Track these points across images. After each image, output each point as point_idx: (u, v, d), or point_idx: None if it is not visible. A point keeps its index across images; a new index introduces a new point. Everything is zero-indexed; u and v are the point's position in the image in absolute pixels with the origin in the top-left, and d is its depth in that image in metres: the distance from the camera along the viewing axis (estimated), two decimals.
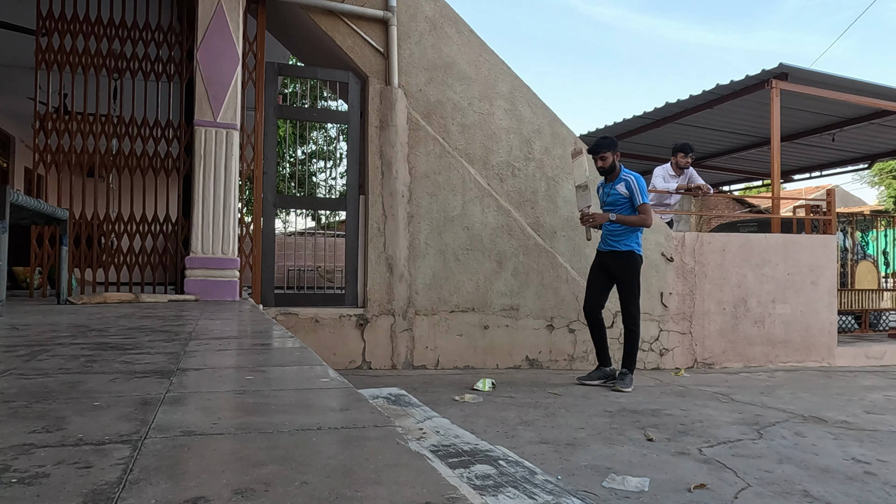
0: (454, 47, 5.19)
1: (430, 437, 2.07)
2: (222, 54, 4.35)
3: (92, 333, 2.20)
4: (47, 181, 4.90)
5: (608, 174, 4.36)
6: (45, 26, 4.41)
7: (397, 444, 0.87)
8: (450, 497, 0.67)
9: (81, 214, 4.49)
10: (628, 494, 2.09)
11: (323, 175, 13.88)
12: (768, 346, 5.57)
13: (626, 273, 4.22)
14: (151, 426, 0.94)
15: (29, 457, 0.78)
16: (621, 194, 4.26)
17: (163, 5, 4.79)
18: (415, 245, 4.96)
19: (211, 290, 4.27)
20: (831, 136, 8.33)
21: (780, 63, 5.95)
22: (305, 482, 0.70)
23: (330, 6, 4.80)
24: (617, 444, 2.70)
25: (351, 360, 4.76)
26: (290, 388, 1.26)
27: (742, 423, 3.20)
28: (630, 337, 4.25)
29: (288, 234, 7.41)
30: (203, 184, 4.32)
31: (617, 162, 4.36)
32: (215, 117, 4.33)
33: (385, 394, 3.10)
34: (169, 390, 1.21)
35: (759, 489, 2.18)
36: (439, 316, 4.97)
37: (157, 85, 4.72)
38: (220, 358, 1.69)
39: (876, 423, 3.27)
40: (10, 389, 1.20)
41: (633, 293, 4.23)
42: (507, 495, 1.43)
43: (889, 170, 22.82)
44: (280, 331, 2.46)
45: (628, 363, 4.24)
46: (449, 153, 5.08)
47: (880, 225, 7.33)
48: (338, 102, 6.91)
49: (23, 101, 6.97)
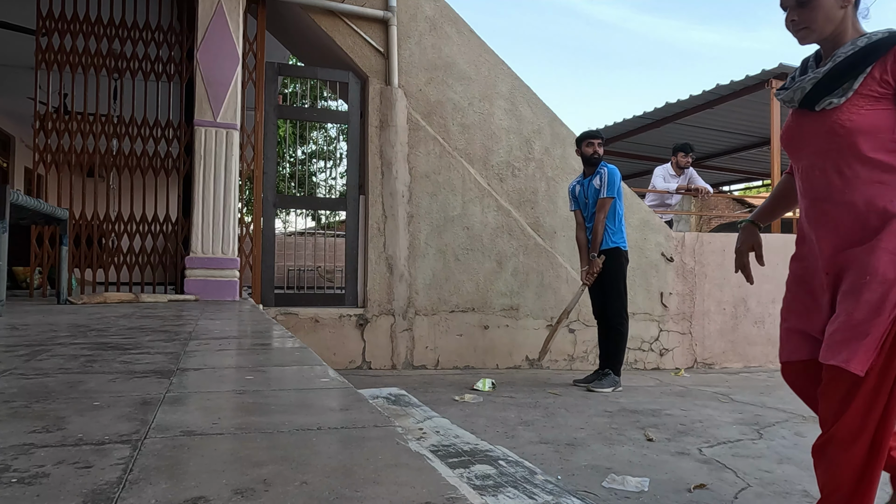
0: (454, 47, 5.19)
1: (430, 437, 2.07)
2: (222, 54, 4.35)
3: (92, 333, 2.20)
4: (47, 181, 4.90)
5: (591, 166, 4.29)
6: (45, 26, 4.41)
7: (397, 444, 0.87)
8: (450, 497, 0.67)
9: (81, 214, 4.49)
10: (628, 494, 2.09)
11: (323, 175, 13.89)
12: (768, 346, 5.57)
13: (609, 269, 4.13)
14: (151, 426, 0.94)
15: (29, 457, 0.78)
16: (596, 187, 4.19)
17: (163, 5, 4.79)
18: (415, 245, 4.96)
19: (211, 290, 4.27)
20: None
21: (779, 63, 5.95)
22: (305, 482, 0.70)
23: (330, 6, 4.80)
24: (617, 444, 2.70)
25: (351, 360, 4.76)
26: (290, 388, 1.26)
27: (742, 423, 3.20)
28: (613, 336, 4.14)
29: (288, 234, 7.41)
30: (203, 184, 4.32)
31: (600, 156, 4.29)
32: (215, 117, 4.33)
33: (385, 394, 3.11)
34: (169, 390, 1.21)
35: (759, 489, 2.18)
36: (439, 316, 4.97)
37: (157, 85, 4.72)
38: (220, 358, 1.69)
39: None
40: (10, 389, 1.20)
41: (617, 289, 4.14)
42: (507, 495, 1.43)
43: None
44: (280, 331, 2.46)
45: (611, 363, 4.12)
46: (449, 153, 5.08)
47: None
48: (338, 102, 6.91)
49: (23, 101, 6.97)
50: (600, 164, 4.25)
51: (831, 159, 1.55)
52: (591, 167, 4.29)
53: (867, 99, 1.50)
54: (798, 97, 1.61)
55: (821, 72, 1.56)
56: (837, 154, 1.54)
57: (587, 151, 4.27)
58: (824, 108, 1.54)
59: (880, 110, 1.50)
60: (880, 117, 1.50)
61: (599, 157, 4.26)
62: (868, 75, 1.50)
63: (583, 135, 4.34)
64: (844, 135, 1.52)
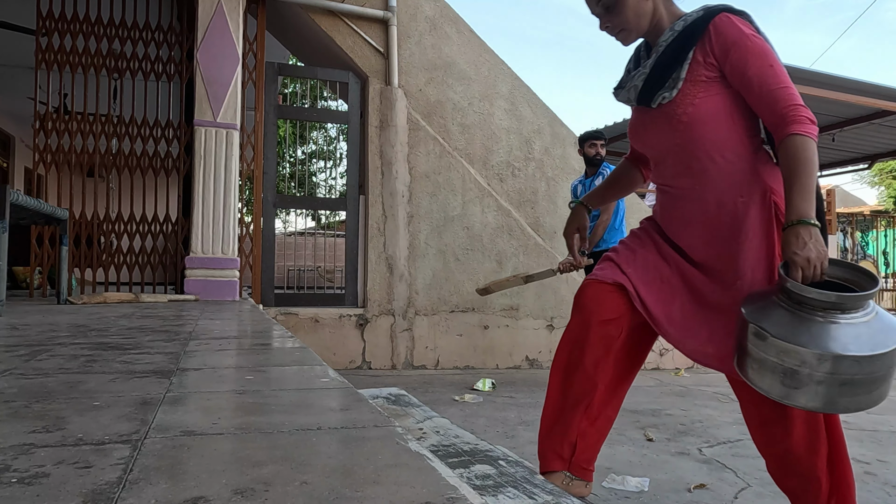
0: (454, 47, 5.19)
1: (430, 437, 2.07)
2: (222, 54, 4.35)
3: (92, 333, 2.20)
4: (47, 181, 4.90)
5: (594, 167, 4.29)
6: (45, 26, 4.41)
7: (397, 444, 0.87)
8: (450, 497, 0.67)
9: (81, 214, 4.49)
10: (628, 494, 2.09)
11: (323, 175, 13.89)
12: None
13: None
14: (151, 426, 0.94)
15: (29, 457, 0.78)
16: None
17: (163, 5, 4.79)
18: (415, 245, 4.96)
19: (211, 290, 4.27)
20: (831, 136, 8.33)
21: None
22: (305, 482, 0.70)
23: (330, 6, 4.80)
24: (617, 444, 2.70)
25: (351, 360, 4.76)
26: (290, 388, 1.26)
27: (742, 423, 3.19)
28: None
29: (288, 234, 7.40)
30: (203, 184, 4.32)
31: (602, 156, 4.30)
32: (215, 117, 4.33)
33: (385, 394, 3.10)
34: (169, 390, 1.21)
35: (759, 489, 2.18)
36: (439, 316, 4.97)
37: (157, 85, 4.72)
38: (219, 358, 1.69)
39: (876, 423, 3.27)
40: (10, 389, 1.20)
41: None
42: (507, 495, 1.43)
43: (889, 170, 22.83)
44: (280, 331, 2.46)
45: None
46: (449, 153, 5.08)
47: (880, 225, 7.34)
48: (338, 102, 6.91)
49: (23, 101, 6.97)
50: (602, 164, 4.26)
51: (677, 154, 1.48)
52: (593, 168, 4.30)
53: (699, 86, 1.42)
54: (633, 96, 1.53)
55: (648, 65, 1.48)
56: (681, 149, 1.46)
57: (590, 152, 4.28)
58: (660, 103, 1.46)
59: (714, 96, 1.42)
60: (716, 103, 1.42)
61: (602, 159, 4.26)
62: (692, 61, 1.42)
63: (585, 135, 4.34)
64: (685, 129, 1.44)
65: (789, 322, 1.24)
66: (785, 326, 1.23)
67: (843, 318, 1.22)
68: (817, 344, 1.19)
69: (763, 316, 1.27)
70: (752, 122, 1.46)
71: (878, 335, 1.21)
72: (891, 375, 1.23)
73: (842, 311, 1.22)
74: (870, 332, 1.21)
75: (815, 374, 1.20)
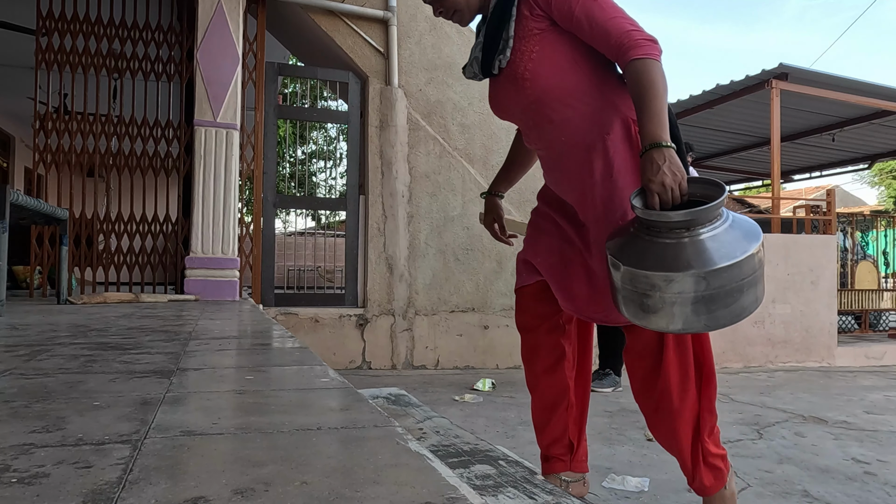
0: (454, 47, 5.19)
1: (430, 437, 2.07)
2: (222, 54, 4.35)
3: (92, 333, 2.20)
4: (47, 181, 4.90)
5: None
6: (45, 26, 4.41)
7: (397, 444, 0.87)
8: (450, 497, 0.67)
9: (81, 214, 4.49)
10: (628, 494, 2.09)
11: (323, 175, 13.89)
12: (768, 346, 5.57)
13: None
14: (151, 426, 0.94)
15: (29, 457, 0.78)
16: None
17: (163, 5, 4.79)
18: (415, 245, 4.96)
19: (211, 290, 4.27)
20: (831, 136, 8.33)
21: (780, 63, 5.95)
22: (305, 482, 0.70)
23: (330, 6, 4.80)
24: (617, 444, 2.70)
25: (351, 360, 4.76)
26: (290, 388, 1.26)
27: (742, 423, 3.20)
28: (613, 335, 4.09)
29: (288, 234, 7.40)
30: (203, 184, 4.32)
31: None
32: (215, 117, 4.33)
33: (385, 394, 3.10)
34: (169, 390, 1.21)
35: (759, 489, 2.18)
36: (439, 316, 4.97)
37: (157, 85, 4.72)
38: (219, 358, 1.69)
39: (876, 424, 3.27)
40: (10, 389, 1.20)
41: None
42: (507, 495, 1.43)
43: (889, 170, 22.83)
44: (280, 331, 2.46)
45: (611, 363, 4.09)
46: (449, 153, 5.08)
47: (880, 225, 7.34)
48: (338, 102, 6.91)
49: (23, 101, 6.96)
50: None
51: (536, 112, 1.46)
52: None
53: (532, 40, 1.40)
54: (477, 69, 1.53)
55: (482, 34, 1.49)
56: (537, 106, 1.45)
57: None
58: (499, 66, 1.45)
59: (550, 46, 1.40)
60: (555, 53, 1.40)
61: None
62: (518, 17, 1.41)
63: None
64: (531, 86, 1.42)
65: (641, 249, 1.23)
66: (636, 254, 1.23)
67: (691, 235, 1.20)
68: (662, 265, 1.19)
69: (619, 247, 1.27)
70: (603, 60, 1.44)
71: (726, 247, 1.18)
72: (749, 286, 1.20)
73: (688, 229, 1.20)
74: (716, 246, 1.18)
75: (665, 296, 1.19)
